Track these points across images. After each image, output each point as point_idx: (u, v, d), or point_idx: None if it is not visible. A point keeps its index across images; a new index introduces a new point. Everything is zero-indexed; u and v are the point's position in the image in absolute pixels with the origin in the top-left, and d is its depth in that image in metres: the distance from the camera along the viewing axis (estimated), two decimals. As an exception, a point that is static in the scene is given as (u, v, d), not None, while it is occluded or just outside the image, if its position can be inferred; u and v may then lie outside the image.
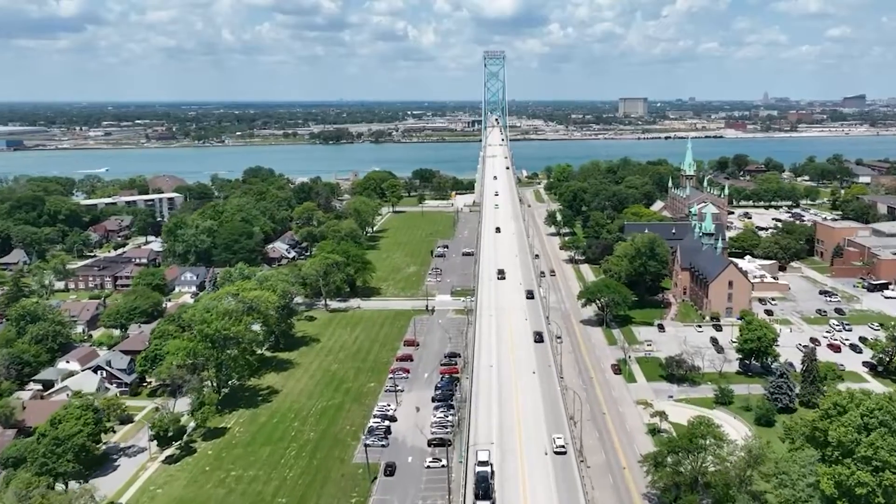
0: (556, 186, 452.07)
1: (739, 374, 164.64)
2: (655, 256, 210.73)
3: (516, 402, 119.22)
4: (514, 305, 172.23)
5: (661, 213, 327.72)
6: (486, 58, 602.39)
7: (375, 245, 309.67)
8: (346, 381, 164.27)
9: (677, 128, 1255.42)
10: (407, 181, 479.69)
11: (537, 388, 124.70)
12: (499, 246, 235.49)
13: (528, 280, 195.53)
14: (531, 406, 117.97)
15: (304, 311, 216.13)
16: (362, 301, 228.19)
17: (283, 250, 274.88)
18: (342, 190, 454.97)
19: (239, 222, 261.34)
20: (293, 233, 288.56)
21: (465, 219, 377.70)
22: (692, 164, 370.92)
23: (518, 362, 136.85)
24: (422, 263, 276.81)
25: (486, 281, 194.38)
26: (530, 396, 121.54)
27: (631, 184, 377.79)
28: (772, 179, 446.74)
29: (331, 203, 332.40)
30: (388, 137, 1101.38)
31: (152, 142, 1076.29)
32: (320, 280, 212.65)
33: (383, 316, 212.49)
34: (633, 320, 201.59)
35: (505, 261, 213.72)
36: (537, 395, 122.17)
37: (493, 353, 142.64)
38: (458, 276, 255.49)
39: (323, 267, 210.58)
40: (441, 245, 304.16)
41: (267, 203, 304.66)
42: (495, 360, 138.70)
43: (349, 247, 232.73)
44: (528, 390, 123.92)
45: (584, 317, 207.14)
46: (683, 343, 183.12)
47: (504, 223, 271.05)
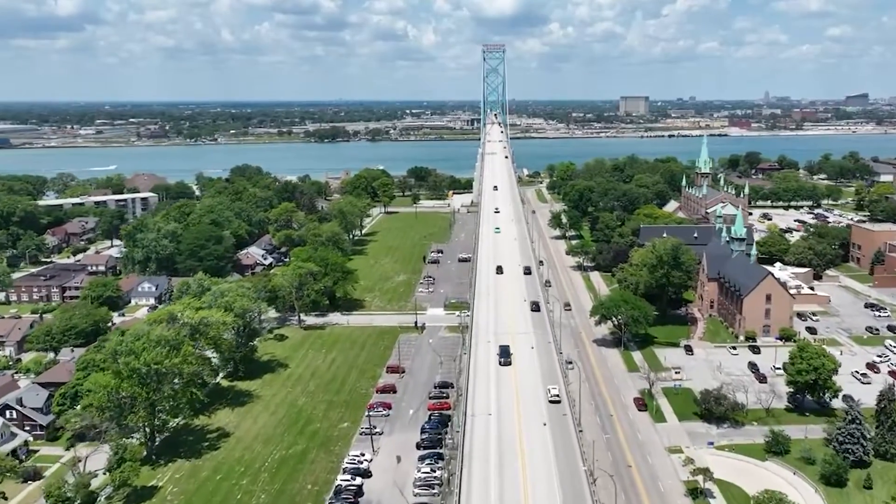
0: (560, 185, 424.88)
1: (790, 411, 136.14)
2: (680, 265, 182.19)
3: (523, 472, 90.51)
4: (517, 327, 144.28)
5: (675, 214, 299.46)
6: (485, 52, 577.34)
7: (363, 250, 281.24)
8: (313, 420, 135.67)
9: (680, 126, 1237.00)
10: (401, 180, 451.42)
11: (550, 455, 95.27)
12: (499, 253, 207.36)
13: (532, 292, 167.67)
14: (543, 485, 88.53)
15: (275, 329, 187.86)
16: (343, 316, 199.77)
17: (259, 256, 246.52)
18: (331, 189, 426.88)
19: (207, 225, 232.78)
20: (271, 237, 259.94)
21: (463, 220, 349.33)
22: (708, 161, 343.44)
23: (527, 415, 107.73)
24: (413, 271, 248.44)
25: (484, 295, 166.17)
26: (542, 468, 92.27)
27: (641, 182, 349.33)
28: (790, 178, 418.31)
29: (315, 203, 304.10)
30: (385, 135, 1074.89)
31: (143, 140, 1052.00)
32: (293, 293, 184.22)
33: (365, 334, 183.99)
34: (656, 340, 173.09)
35: (507, 272, 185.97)
36: (551, 467, 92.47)
37: (491, 396, 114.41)
38: (452, 286, 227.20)
39: (296, 278, 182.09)
40: (435, 250, 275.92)
41: (243, 204, 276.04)
42: (494, 407, 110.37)
43: (328, 254, 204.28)
44: (539, 455, 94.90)
45: (597, 335, 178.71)
46: (718, 370, 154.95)
47: (505, 225, 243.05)
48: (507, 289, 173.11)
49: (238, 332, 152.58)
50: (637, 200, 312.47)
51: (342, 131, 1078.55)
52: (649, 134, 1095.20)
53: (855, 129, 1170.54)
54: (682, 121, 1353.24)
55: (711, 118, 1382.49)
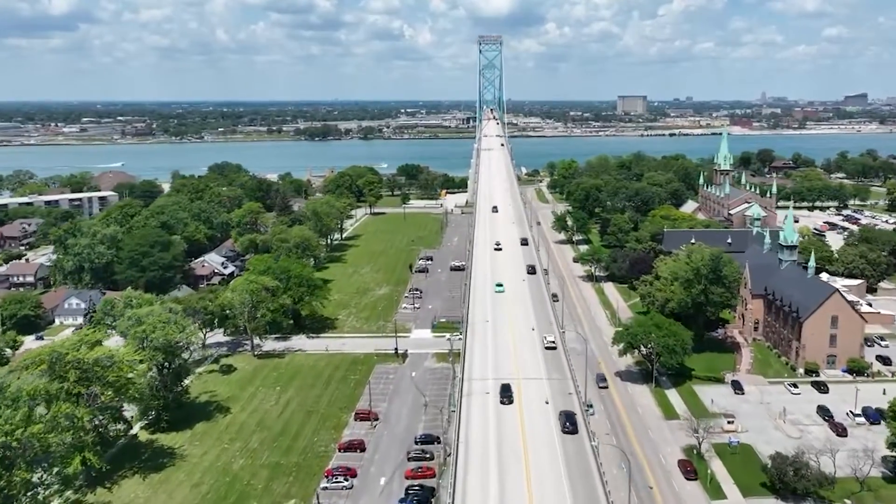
0: (561, 184, 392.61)
1: (890, 481, 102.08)
2: (721, 280, 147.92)
3: None
4: (525, 370, 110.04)
5: (696, 216, 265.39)
6: (481, 43, 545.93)
7: (341, 256, 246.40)
8: (248, 497, 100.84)
9: (680, 125, 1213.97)
10: (390, 178, 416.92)
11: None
12: (498, 267, 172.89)
13: (544, 322, 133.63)
14: None
15: (223, 357, 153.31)
16: (308, 339, 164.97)
17: (217, 265, 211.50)
18: (314, 188, 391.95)
19: (154, 228, 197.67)
20: (233, 242, 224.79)
21: (456, 222, 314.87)
22: (728, 157, 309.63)
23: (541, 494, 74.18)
24: (397, 282, 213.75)
25: (479, 333, 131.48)
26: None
27: (654, 180, 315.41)
28: (812, 176, 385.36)
29: (288, 203, 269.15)
30: (377, 134, 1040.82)
31: (127, 138, 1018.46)
32: (245, 313, 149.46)
33: (334, 364, 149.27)
34: (693, 373, 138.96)
35: (509, 292, 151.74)
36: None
37: (491, 469, 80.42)
38: (442, 301, 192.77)
39: (248, 295, 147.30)
40: (424, 256, 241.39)
41: (204, 204, 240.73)
42: (496, 488, 76.40)
43: (291, 264, 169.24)
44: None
45: (619, 366, 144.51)
46: (780, 417, 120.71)
47: (504, 230, 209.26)
48: (509, 313, 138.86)
49: (161, 370, 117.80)
50: (651, 200, 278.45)
51: (333, 129, 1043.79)
52: (649, 133, 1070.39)
53: (859, 128, 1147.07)
54: (681, 120, 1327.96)
55: (711, 118, 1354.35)
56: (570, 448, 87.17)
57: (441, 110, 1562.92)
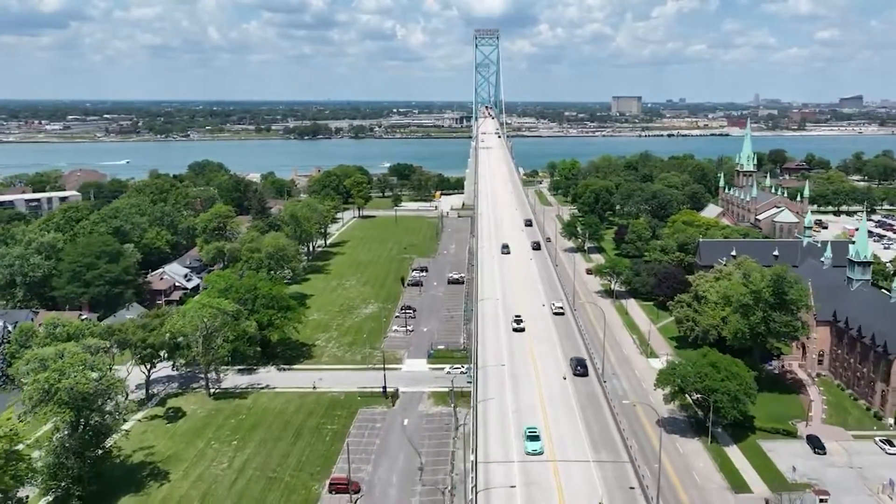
0: (564, 185, 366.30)
1: None
2: (786, 304, 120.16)
3: None
4: (564, 449, 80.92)
5: (720, 221, 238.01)
6: (477, 37, 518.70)
7: (324, 267, 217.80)
8: None
9: (678, 126, 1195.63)
10: (380, 178, 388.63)
11: None
12: (510, 288, 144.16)
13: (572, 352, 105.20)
14: None
15: (172, 396, 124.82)
16: (278, 372, 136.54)
17: (179, 277, 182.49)
18: (298, 188, 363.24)
19: (103, 235, 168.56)
20: (198, 250, 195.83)
21: (453, 227, 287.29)
22: (752, 157, 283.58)
23: None
24: (387, 297, 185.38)
25: (493, 372, 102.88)
26: None
27: (669, 182, 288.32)
28: (835, 178, 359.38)
29: (265, 206, 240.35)
30: (369, 133, 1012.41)
31: (111, 136, 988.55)
32: (198, 344, 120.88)
33: (307, 408, 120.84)
34: (754, 423, 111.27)
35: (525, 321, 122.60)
36: None
37: None
38: (440, 322, 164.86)
39: (200, 322, 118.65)
40: (418, 267, 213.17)
41: (167, 207, 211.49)
42: None
43: (259, 280, 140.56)
44: None
45: (663, 414, 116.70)
46: (886, 492, 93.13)
47: (513, 238, 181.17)
48: (534, 363, 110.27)
49: (75, 429, 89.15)
50: (669, 204, 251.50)
51: (324, 128, 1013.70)
52: (647, 133, 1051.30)
53: (860, 130, 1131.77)
54: (678, 120, 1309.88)
55: (707, 119, 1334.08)
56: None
57: (434, 110, 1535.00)
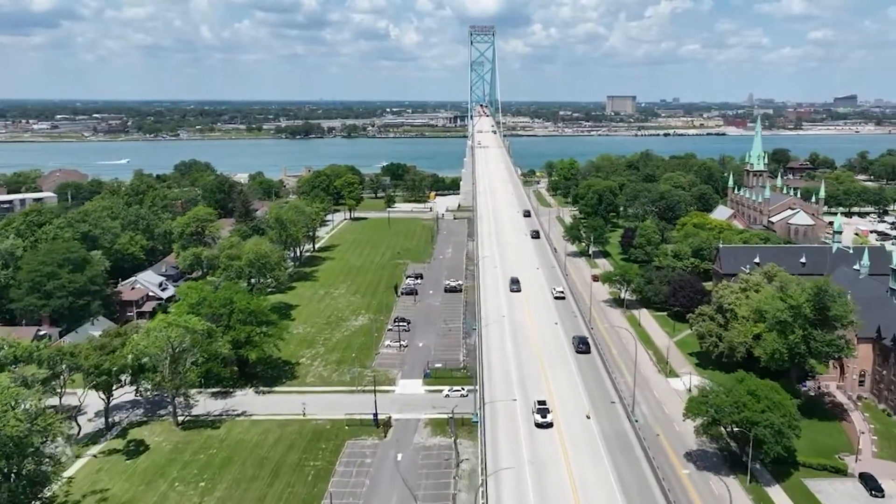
0: (563, 186, 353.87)
1: None
2: (828, 321, 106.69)
3: None
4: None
5: (732, 224, 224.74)
6: (472, 34, 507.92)
7: (311, 273, 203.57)
8: None
9: (674, 125, 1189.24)
10: (373, 179, 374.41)
11: None
12: (517, 318, 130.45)
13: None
14: None
15: (135, 425, 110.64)
16: (257, 395, 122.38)
17: (153, 286, 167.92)
18: (287, 189, 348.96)
19: (68, 242, 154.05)
20: (175, 256, 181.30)
21: (449, 229, 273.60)
22: (762, 156, 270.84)
23: None
24: (378, 308, 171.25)
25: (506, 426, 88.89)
26: None
27: (675, 182, 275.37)
28: (844, 178, 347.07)
29: (250, 208, 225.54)
30: (362, 132, 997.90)
31: (99, 135, 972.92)
32: (165, 367, 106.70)
33: (287, 439, 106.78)
34: (797, 457, 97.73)
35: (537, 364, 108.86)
36: None
37: None
38: (437, 336, 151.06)
39: (166, 344, 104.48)
40: (412, 274, 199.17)
41: (142, 209, 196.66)
42: None
43: (236, 293, 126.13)
44: None
45: (690, 445, 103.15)
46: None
47: (519, 252, 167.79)
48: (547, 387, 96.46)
49: (7, 478, 74.96)
50: (678, 206, 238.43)
51: (316, 127, 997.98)
52: (643, 133, 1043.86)
53: (857, 129, 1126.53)
54: (674, 120, 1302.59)
55: (702, 118, 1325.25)
56: None
57: (427, 110, 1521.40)
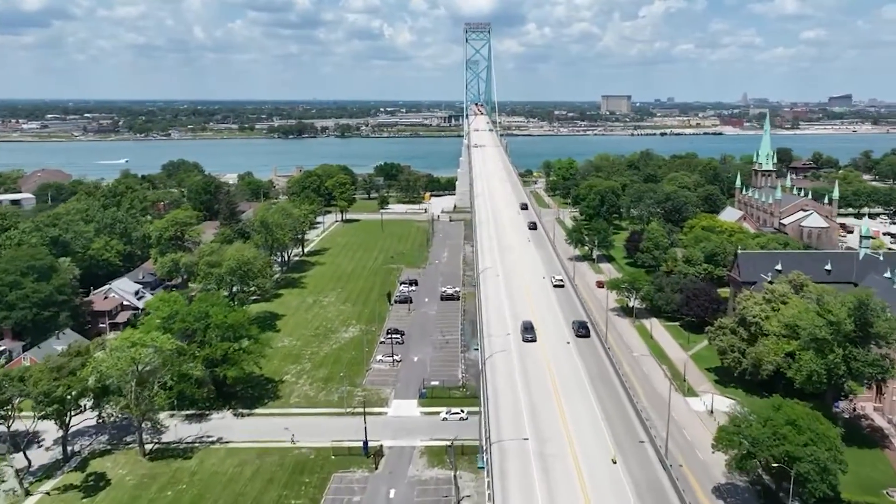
0: (562, 186, 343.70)
1: None
2: (870, 338, 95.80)
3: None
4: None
5: (742, 226, 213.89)
6: (467, 31, 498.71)
7: (299, 280, 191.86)
8: None
9: (670, 125, 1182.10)
10: (365, 179, 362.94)
11: None
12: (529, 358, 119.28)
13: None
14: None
15: (97, 455, 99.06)
16: (235, 419, 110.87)
17: (129, 295, 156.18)
18: (277, 189, 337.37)
19: (32, 247, 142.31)
20: (153, 262, 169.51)
21: (445, 232, 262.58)
22: (771, 155, 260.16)
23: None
24: (370, 317, 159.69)
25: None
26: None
27: (680, 182, 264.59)
28: (852, 178, 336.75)
29: (235, 210, 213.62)
30: (355, 132, 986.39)
31: (89, 134, 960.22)
32: (131, 391, 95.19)
33: (266, 471, 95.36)
34: (840, 495, 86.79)
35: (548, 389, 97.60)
36: None
37: None
38: (433, 349, 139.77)
39: (129, 365, 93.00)
40: (406, 280, 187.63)
41: (119, 212, 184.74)
42: None
43: (212, 305, 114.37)
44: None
45: (718, 478, 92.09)
46: None
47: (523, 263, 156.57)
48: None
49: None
50: (684, 207, 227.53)
51: (309, 127, 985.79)
52: (639, 132, 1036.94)
53: (855, 128, 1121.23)
54: (670, 119, 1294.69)
55: (698, 117, 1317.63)
56: None
57: (422, 110, 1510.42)
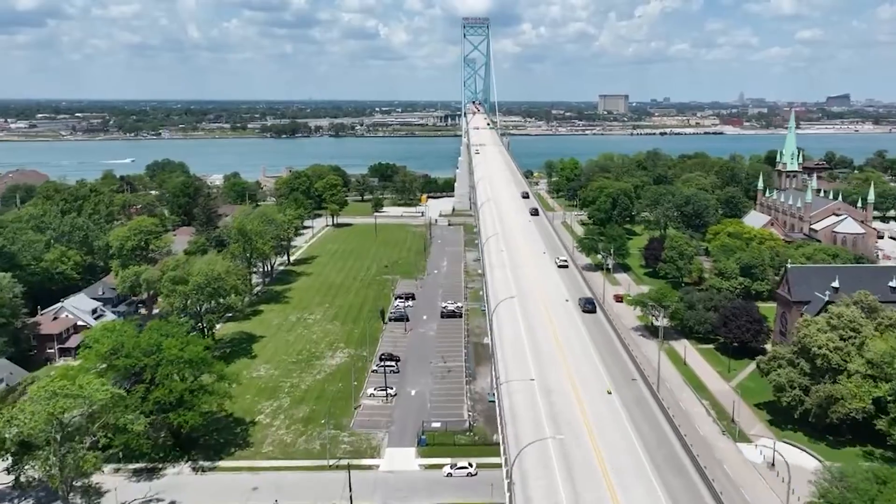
0: (566, 187, 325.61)
1: None
2: None
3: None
4: None
5: (771, 232, 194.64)
6: (465, 26, 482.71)
7: (283, 293, 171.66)
8: None
9: (669, 124, 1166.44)
10: (359, 180, 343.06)
11: None
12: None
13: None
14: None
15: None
16: (194, 474, 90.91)
17: (84, 314, 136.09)
18: (265, 191, 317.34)
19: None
20: (114, 276, 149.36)
21: (443, 237, 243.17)
22: (795, 154, 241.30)
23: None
24: (360, 339, 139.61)
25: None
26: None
27: (698, 184, 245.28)
28: (874, 179, 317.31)
29: (212, 215, 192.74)
30: (350, 131, 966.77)
31: (77, 134, 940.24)
32: (53, 450, 75.39)
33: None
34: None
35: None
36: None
37: None
38: (433, 379, 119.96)
39: (48, 424, 73.20)
40: (402, 294, 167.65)
41: (80, 218, 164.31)
42: None
43: (166, 337, 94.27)
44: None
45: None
46: None
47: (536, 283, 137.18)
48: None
49: None
50: (706, 212, 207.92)
51: (302, 126, 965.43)
52: (639, 132, 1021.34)
53: (857, 128, 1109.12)
54: (669, 119, 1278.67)
55: (697, 117, 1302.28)
56: None
57: (418, 109, 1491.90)
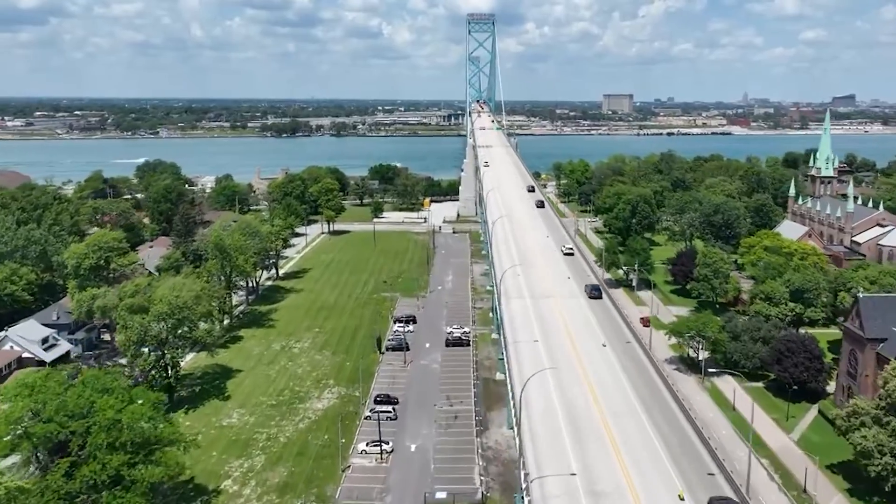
0: (577, 191, 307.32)
1: None
2: None
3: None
4: None
5: (810, 245, 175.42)
6: (469, 22, 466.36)
7: (266, 315, 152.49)
8: None
9: (676, 124, 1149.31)
10: (358, 183, 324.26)
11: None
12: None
13: None
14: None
15: None
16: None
17: (33, 344, 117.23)
18: (258, 195, 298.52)
19: None
20: (70, 299, 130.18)
21: (447, 247, 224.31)
22: (832, 158, 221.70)
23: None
24: (352, 374, 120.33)
25: None
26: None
27: (724, 190, 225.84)
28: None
29: (191, 224, 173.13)
30: (351, 131, 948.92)
31: (74, 132, 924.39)
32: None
33: None
34: None
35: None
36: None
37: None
38: (436, 431, 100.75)
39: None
40: (402, 316, 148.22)
41: (37, 231, 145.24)
42: None
43: (98, 394, 75.09)
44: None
45: None
46: None
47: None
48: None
49: None
50: (737, 221, 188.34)
51: (303, 125, 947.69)
52: (645, 132, 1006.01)
53: (867, 129, 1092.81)
54: (674, 119, 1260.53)
55: (702, 117, 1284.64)
56: None
57: (420, 109, 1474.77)
